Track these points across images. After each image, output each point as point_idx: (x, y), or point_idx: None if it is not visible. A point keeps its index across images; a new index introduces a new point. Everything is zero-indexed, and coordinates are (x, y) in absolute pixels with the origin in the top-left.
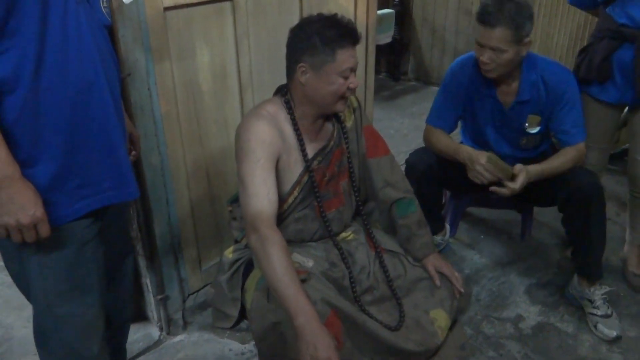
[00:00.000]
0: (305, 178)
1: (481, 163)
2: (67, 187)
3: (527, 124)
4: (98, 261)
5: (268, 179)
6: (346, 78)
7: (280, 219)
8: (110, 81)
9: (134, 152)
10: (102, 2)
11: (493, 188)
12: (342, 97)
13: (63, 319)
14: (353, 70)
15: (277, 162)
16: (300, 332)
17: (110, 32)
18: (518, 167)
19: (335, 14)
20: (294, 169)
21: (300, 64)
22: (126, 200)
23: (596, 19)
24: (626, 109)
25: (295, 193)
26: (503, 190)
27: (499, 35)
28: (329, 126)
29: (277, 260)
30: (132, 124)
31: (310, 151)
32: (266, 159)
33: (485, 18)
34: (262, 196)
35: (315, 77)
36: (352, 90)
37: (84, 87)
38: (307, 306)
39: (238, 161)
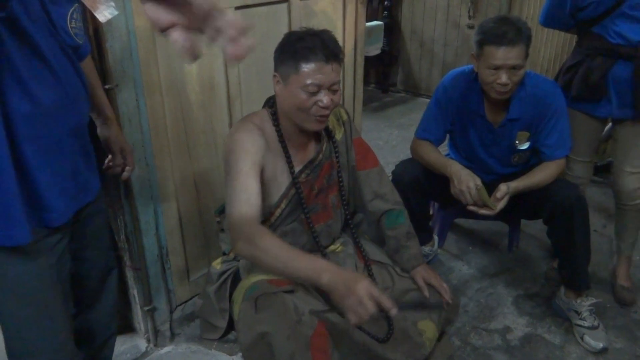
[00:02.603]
0: (293, 191)
1: (469, 186)
2: (15, 206)
3: (517, 141)
4: (63, 285)
5: (249, 186)
6: (312, 94)
7: None
8: (67, 104)
9: (128, 167)
10: (70, 22)
11: (471, 207)
12: (311, 115)
13: (33, 344)
14: (322, 87)
15: (262, 172)
16: (332, 287)
17: (97, 43)
18: (502, 189)
19: (321, 30)
20: (281, 181)
21: (274, 74)
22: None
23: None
24: (609, 124)
25: (282, 206)
26: (481, 211)
27: (518, 52)
28: (317, 139)
29: (272, 245)
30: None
31: (298, 164)
32: (250, 167)
33: (503, 38)
34: (241, 201)
35: (284, 89)
36: (324, 109)
37: (28, 111)
38: (324, 264)
39: (224, 174)
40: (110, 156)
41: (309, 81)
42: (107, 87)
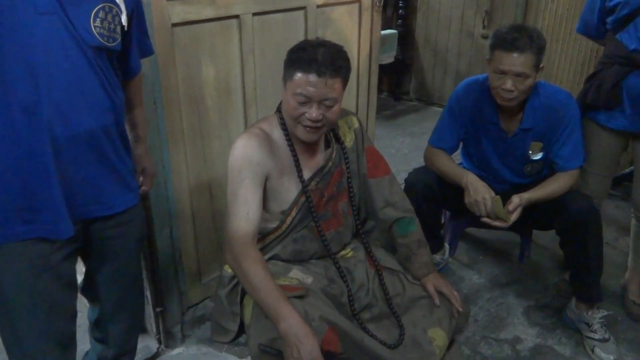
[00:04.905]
0: (303, 199)
1: (485, 197)
2: (7, 207)
3: (530, 151)
4: (52, 295)
5: (250, 199)
6: (301, 104)
7: (280, 239)
8: (79, 106)
9: (143, 187)
10: (94, 21)
11: (485, 219)
12: (300, 124)
13: (17, 334)
14: (312, 100)
15: (267, 181)
16: (284, 336)
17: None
18: (514, 201)
19: (328, 44)
20: (291, 189)
21: (282, 75)
22: (57, 239)
23: (602, 47)
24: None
25: (293, 213)
26: (495, 223)
27: (525, 60)
28: (326, 145)
29: (253, 273)
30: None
31: (308, 171)
32: (251, 179)
33: (512, 44)
34: (240, 215)
35: (284, 92)
36: (310, 121)
37: (23, 107)
38: (287, 310)
39: (228, 180)
40: None
41: (297, 90)
42: None
